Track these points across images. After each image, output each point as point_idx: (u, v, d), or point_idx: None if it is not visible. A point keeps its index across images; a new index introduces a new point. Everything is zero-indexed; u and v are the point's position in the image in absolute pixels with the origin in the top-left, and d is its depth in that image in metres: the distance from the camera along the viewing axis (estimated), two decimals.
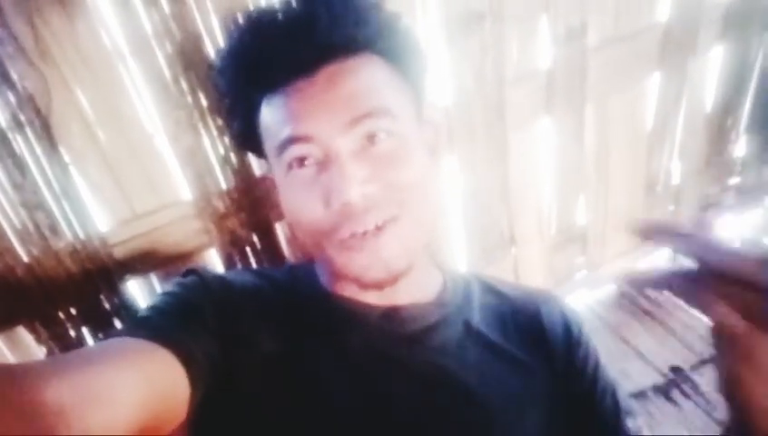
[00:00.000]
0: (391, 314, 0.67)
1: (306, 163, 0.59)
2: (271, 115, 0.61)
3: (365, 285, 0.62)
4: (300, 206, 0.60)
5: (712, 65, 1.38)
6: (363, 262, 0.59)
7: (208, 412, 0.58)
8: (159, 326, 0.57)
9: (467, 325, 0.69)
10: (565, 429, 0.67)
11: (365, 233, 0.58)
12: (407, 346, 0.65)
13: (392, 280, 0.61)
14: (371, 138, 0.58)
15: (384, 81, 0.61)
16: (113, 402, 0.44)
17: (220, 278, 0.67)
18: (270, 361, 0.61)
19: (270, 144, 0.63)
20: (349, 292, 0.67)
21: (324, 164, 0.58)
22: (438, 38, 1.02)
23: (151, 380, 0.49)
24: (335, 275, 0.68)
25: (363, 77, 0.59)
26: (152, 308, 0.61)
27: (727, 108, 1.46)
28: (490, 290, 0.75)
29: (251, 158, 0.95)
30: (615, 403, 0.71)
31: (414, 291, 0.68)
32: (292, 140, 0.58)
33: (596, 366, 0.72)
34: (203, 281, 0.65)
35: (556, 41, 1.13)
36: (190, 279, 0.66)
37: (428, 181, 0.63)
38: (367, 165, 0.58)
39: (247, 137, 0.68)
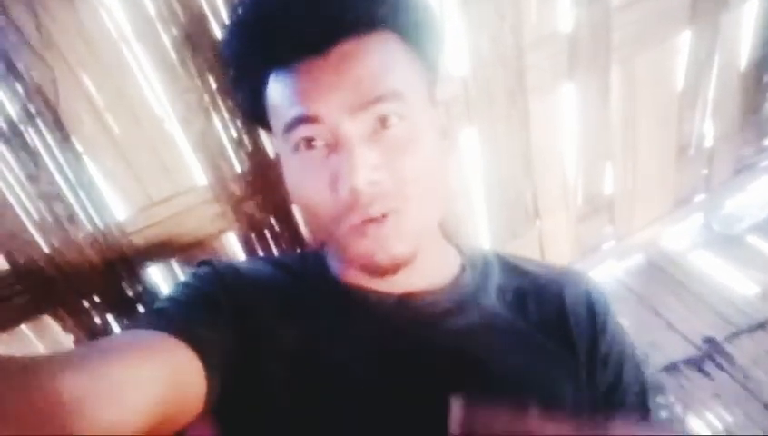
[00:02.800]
0: (405, 301, 0.65)
1: (314, 144, 0.57)
2: (280, 93, 0.59)
3: (371, 271, 0.60)
4: (306, 188, 0.59)
5: (746, 19, 1.30)
6: (368, 249, 0.58)
7: (229, 404, 0.58)
8: (175, 318, 0.57)
9: (485, 308, 0.67)
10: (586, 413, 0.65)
11: (370, 220, 0.56)
12: (422, 332, 0.63)
13: (396, 267, 0.60)
14: (383, 121, 0.56)
15: (398, 61, 0.59)
16: (128, 397, 0.44)
17: (233, 269, 0.66)
18: (285, 352, 0.61)
19: (277, 123, 0.61)
20: (360, 279, 0.66)
21: (333, 147, 0.56)
22: (451, 6, 0.98)
23: (166, 374, 0.49)
24: (345, 262, 0.66)
25: (377, 57, 0.57)
26: (169, 299, 0.61)
27: (762, 65, 1.38)
28: (511, 269, 0.73)
29: (265, 140, 0.93)
30: (641, 398, 0.69)
31: (428, 276, 0.66)
32: (300, 120, 0.57)
33: (621, 358, 0.69)
34: (218, 272, 0.65)
35: (577, 1, 1.07)
36: (204, 270, 0.66)
37: (439, 165, 0.61)
38: (377, 150, 0.56)
39: (253, 111, 0.66)
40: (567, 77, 1.15)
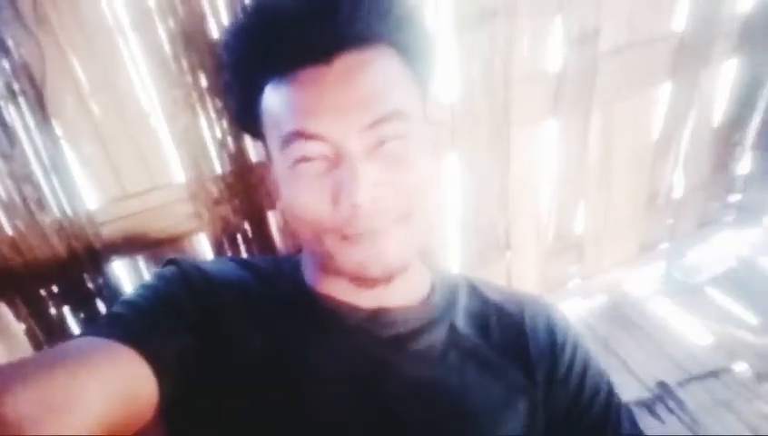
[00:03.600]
0: (376, 317, 0.65)
1: (311, 159, 0.57)
2: (279, 102, 0.58)
3: (360, 282, 0.60)
4: (306, 202, 0.57)
5: (723, 79, 1.36)
6: (362, 259, 0.58)
7: (184, 409, 0.57)
8: (130, 326, 0.55)
9: (452, 329, 0.67)
10: None
11: (370, 234, 0.57)
12: (391, 349, 0.63)
13: (388, 278, 0.60)
14: (384, 139, 0.56)
15: (398, 78, 0.59)
16: (73, 411, 0.43)
17: (201, 269, 0.65)
18: (251, 357, 0.60)
19: (273, 133, 0.60)
20: (335, 291, 0.65)
21: (335, 162, 0.56)
22: (447, 31, 1.00)
23: (116, 386, 0.48)
24: (325, 271, 0.66)
25: (379, 73, 0.57)
26: (128, 303, 0.59)
27: (735, 124, 1.44)
28: (477, 293, 0.74)
29: (248, 144, 0.92)
30: (607, 409, 0.69)
31: (403, 292, 0.67)
32: (303, 135, 0.55)
33: (584, 374, 0.70)
34: (183, 272, 0.63)
35: (568, 42, 1.11)
36: (169, 270, 0.64)
37: (431, 182, 0.61)
38: (377, 166, 0.56)
39: (244, 117, 0.65)
40: (551, 115, 1.18)
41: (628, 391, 1.27)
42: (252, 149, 0.93)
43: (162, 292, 0.61)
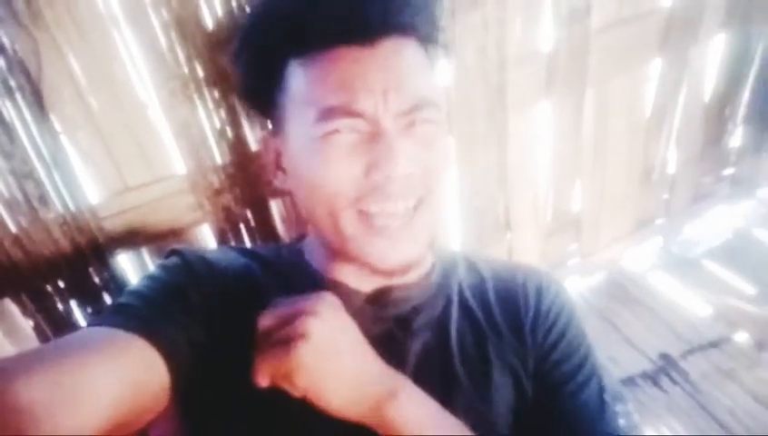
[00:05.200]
0: (379, 296, 0.66)
1: (343, 130, 0.57)
2: (314, 77, 0.58)
3: (378, 271, 0.61)
4: (335, 171, 0.58)
5: (713, 54, 1.37)
6: (383, 250, 0.59)
7: (195, 398, 0.58)
8: (138, 315, 0.56)
9: (451, 304, 0.68)
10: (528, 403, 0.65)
11: (390, 219, 0.58)
12: (395, 328, 0.64)
13: (405, 270, 0.61)
14: (415, 122, 0.58)
15: (427, 67, 0.62)
16: (85, 401, 0.43)
17: (204, 258, 0.65)
18: (254, 343, 0.60)
19: (301, 106, 0.59)
20: (341, 274, 0.66)
21: (370, 137, 0.57)
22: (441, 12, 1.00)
23: (126, 374, 0.49)
24: (331, 255, 0.66)
25: (414, 61, 0.59)
26: (134, 293, 0.60)
27: (726, 98, 1.46)
28: (475, 268, 0.74)
29: (248, 132, 0.92)
30: (596, 391, 0.67)
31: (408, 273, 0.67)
32: (344, 111, 0.56)
33: (569, 342, 0.68)
34: (187, 262, 0.64)
35: (559, 22, 1.11)
36: (172, 261, 0.64)
37: (446, 166, 0.64)
38: (411, 145, 0.58)
39: (256, 89, 0.66)
40: (545, 95, 1.19)
41: (631, 364, 1.29)
42: (252, 138, 0.93)
43: (167, 282, 0.61)
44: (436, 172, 0.61)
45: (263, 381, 0.50)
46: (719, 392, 1.20)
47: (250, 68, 0.65)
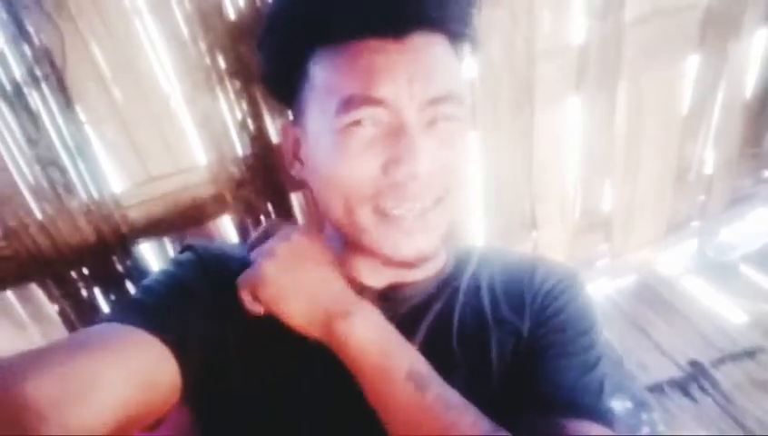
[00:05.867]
0: (391, 293, 0.66)
1: (364, 123, 0.56)
2: (340, 66, 0.57)
3: (392, 263, 0.60)
4: (353, 165, 0.57)
5: (754, 50, 1.31)
6: (398, 241, 0.58)
7: (207, 394, 0.58)
8: (148, 311, 0.56)
9: (455, 295, 0.67)
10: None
11: (410, 214, 0.57)
12: (407, 323, 0.63)
13: (420, 262, 0.60)
14: (438, 118, 0.57)
15: (454, 64, 0.60)
16: (97, 398, 0.43)
17: (216, 254, 0.65)
18: (266, 339, 0.60)
19: (324, 95, 0.58)
20: (351, 268, 0.66)
21: (391, 132, 0.56)
22: None
23: (137, 371, 0.49)
24: (348, 249, 0.66)
25: (441, 55, 0.58)
26: (146, 289, 0.60)
27: (767, 96, 1.39)
28: (488, 261, 0.72)
29: (269, 125, 0.92)
30: (583, 353, 0.62)
31: (421, 269, 0.66)
32: (367, 100, 0.55)
33: (567, 316, 0.65)
34: (199, 257, 0.64)
35: (591, 14, 1.08)
36: (185, 256, 0.65)
37: (466, 165, 0.63)
38: (432, 142, 0.56)
39: (279, 78, 0.65)
40: (575, 90, 1.15)
41: (660, 370, 1.25)
42: (273, 130, 0.93)
43: (179, 278, 0.61)
44: (456, 171, 0.60)
45: (249, 304, 0.57)
46: (751, 404, 1.15)
47: (274, 55, 0.64)
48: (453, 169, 0.59)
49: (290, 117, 0.70)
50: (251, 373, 0.59)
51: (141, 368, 0.50)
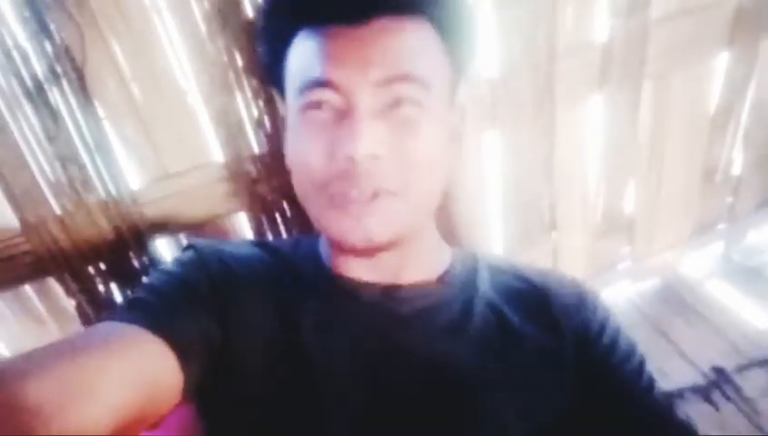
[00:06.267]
0: (390, 294, 0.64)
1: (323, 107, 0.56)
2: (306, 52, 0.58)
3: (345, 249, 0.59)
4: (304, 151, 0.57)
5: None
6: (345, 226, 0.56)
7: (210, 392, 0.58)
8: (150, 310, 0.55)
9: (469, 305, 0.65)
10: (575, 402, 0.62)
11: (357, 199, 0.55)
12: (404, 326, 0.62)
13: (372, 250, 0.58)
14: (397, 102, 0.55)
15: (428, 49, 0.58)
16: (95, 397, 0.43)
17: (218, 253, 0.65)
18: (269, 339, 0.59)
19: (292, 82, 0.60)
20: (349, 268, 0.65)
21: (342, 115, 0.55)
22: (487, 3, 0.96)
23: (138, 371, 0.48)
24: (335, 249, 0.65)
25: (410, 39, 0.56)
26: (148, 288, 0.60)
27: None
28: (499, 270, 0.71)
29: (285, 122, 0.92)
30: (639, 374, 0.64)
31: (417, 269, 0.66)
32: (318, 83, 0.55)
33: (616, 335, 0.66)
34: (201, 257, 0.63)
35: (615, 11, 1.05)
36: (187, 255, 0.65)
37: (441, 164, 0.60)
38: (385, 126, 0.55)
39: (272, 67, 0.65)
40: (598, 89, 1.13)
41: (682, 376, 1.22)
42: None
43: (181, 277, 0.61)
44: (415, 164, 0.56)
45: None
46: None
47: (266, 41, 0.65)
48: (417, 163, 0.56)
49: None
50: (252, 373, 0.59)
51: (142, 367, 0.49)
